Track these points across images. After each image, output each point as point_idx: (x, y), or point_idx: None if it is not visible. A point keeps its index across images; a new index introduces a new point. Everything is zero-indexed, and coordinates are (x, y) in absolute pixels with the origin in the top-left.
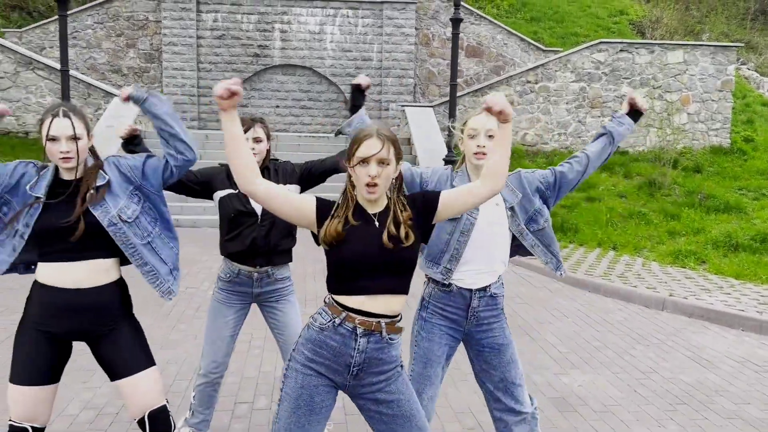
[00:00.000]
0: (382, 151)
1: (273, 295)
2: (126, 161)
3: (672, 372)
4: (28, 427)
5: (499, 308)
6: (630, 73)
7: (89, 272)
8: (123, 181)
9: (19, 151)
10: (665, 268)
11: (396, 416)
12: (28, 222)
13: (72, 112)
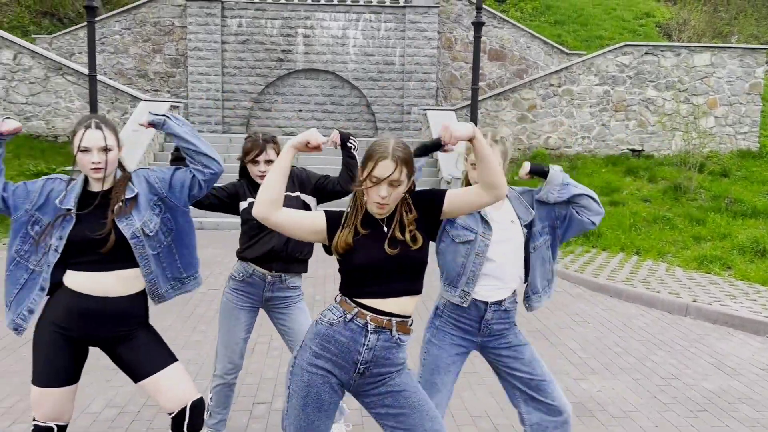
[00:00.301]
0: (394, 173)
1: (283, 301)
2: (155, 174)
3: (694, 379)
4: (54, 426)
5: (510, 322)
6: (655, 76)
7: (117, 282)
8: (149, 193)
9: (49, 154)
10: (689, 273)
11: (404, 407)
12: (61, 235)
13: (104, 124)
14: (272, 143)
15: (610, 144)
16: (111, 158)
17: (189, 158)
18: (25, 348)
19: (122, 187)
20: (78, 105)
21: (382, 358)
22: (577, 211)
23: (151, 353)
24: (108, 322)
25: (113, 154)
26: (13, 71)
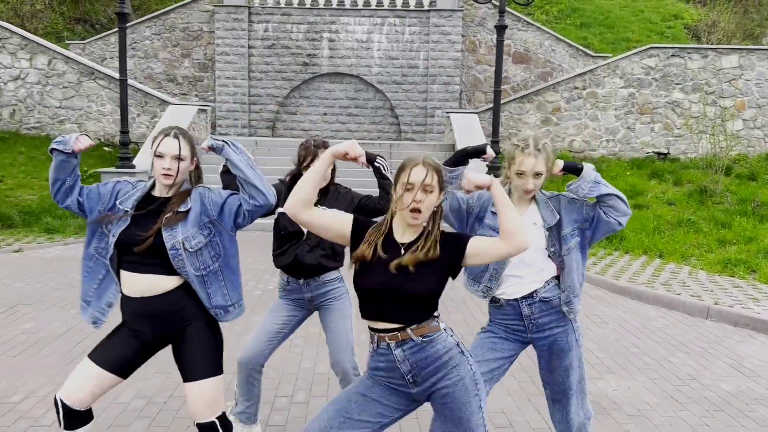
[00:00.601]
0: (427, 178)
1: (325, 297)
2: (211, 195)
3: (711, 380)
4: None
5: (558, 312)
6: (682, 79)
7: (149, 284)
8: (201, 213)
9: (82, 156)
10: (713, 276)
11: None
12: (114, 233)
13: (182, 136)
14: (323, 148)
15: (636, 147)
16: (182, 167)
17: (240, 185)
18: (58, 342)
19: (179, 199)
20: (109, 108)
21: (420, 360)
22: (604, 211)
23: (195, 361)
24: (150, 320)
25: (185, 164)
26: (47, 76)
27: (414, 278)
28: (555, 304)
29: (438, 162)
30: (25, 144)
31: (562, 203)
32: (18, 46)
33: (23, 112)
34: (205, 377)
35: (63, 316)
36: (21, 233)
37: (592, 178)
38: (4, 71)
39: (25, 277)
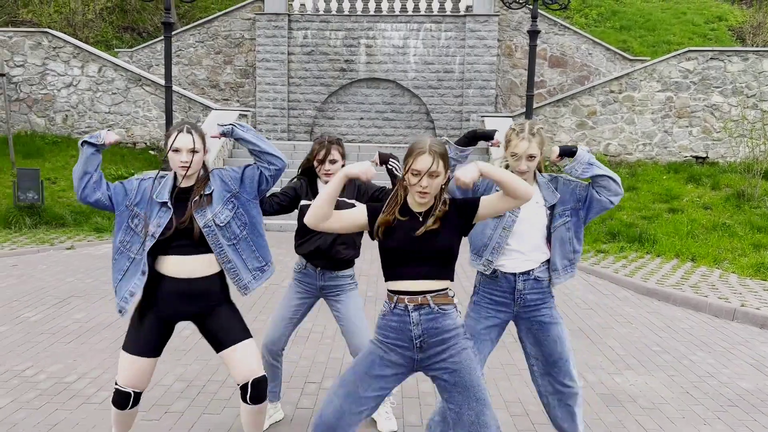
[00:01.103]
0: (432, 166)
1: (335, 289)
2: (227, 172)
3: (730, 378)
4: (131, 391)
5: (546, 291)
6: (721, 82)
7: (199, 265)
8: (223, 190)
9: (128, 160)
10: (744, 280)
11: (456, 385)
12: (159, 223)
13: (194, 130)
14: (337, 145)
15: (673, 151)
16: (197, 159)
17: (256, 158)
18: (106, 331)
19: (202, 185)
20: (155, 114)
21: (432, 329)
22: (597, 190)
23: (229, 328)
24: (194, 299)
25: (199, 156)
26: (98, 83)
27: (434, 236)
28: (545, 285)
29: (443, 146)
30: (77, 148)
31: (559, 183)
32: (71, 55)
33: (75, 118)
34: (247, 338)
35: (111, 308)
36: (72, 232)
37: (586, 160)
38: (58, 78)
39: (76, 272)
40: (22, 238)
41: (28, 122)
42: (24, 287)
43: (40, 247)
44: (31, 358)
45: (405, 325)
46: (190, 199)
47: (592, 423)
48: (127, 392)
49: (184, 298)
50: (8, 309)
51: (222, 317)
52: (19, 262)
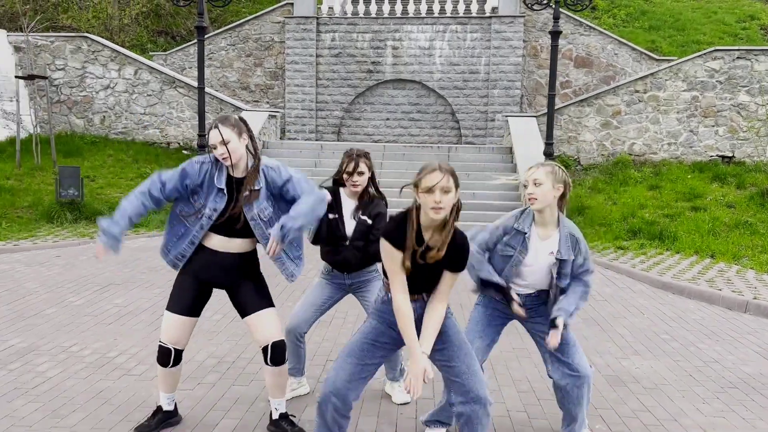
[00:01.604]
0: (443, 181)
1: (362, 284)
2: (272, 174)
3: (734, 363)
4: (172, 348)
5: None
6: (748, 81)
7: (238, 245)
8: (266, 189)
9: (162, 159)
10: (761, 275)
11: (446, 343)
12: (216, 208)
13: (220, 123)
14: (364, 158)
15: (699, 150)
16: (231, 148)
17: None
18: (144, 314)
19: (252, 179)
20: (188, 115)
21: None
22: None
23: (255, 297)
24: (230, 272)
25: (233, 144)
26: (134, 85)
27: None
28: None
29: (451, 167)
30: (113, 147)
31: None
32: (108, 58)
33: (112, 119)
34: (271, 306)
35: (147, 294)
36: None
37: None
38: (96, 81)
39: (114, 263)
40: (64, 232)
41: (68, 123)
42: (68, 275)
43: (80, 240)
44: (77, 337)
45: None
46: (241, 192)
47: (595, 400)
48: (168, 348)
49: (222, 270)
50: (55, 294)
51: (251, 288)
52: (62, 253)
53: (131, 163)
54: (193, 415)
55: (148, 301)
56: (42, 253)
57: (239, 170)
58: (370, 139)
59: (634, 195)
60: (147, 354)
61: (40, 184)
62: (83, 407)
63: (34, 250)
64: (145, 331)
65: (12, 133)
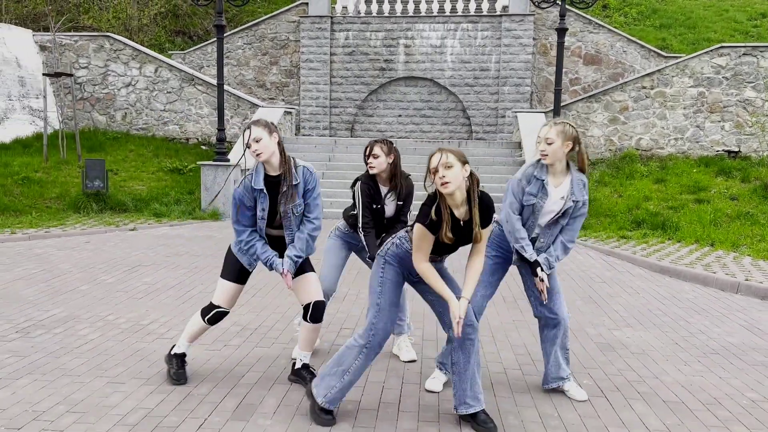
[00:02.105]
0: (442, 158)
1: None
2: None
3: (719, 335)
4: (223, 310)
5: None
6: (754, 77)
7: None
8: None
9: (181, 154)
10: (757, 261)
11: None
12: (264, 207)
13: (253, 125)
14: (380, 143)
15: (705, 145)
16: (262, 144)
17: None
18: (171, 290)
19: (289, 176)
20: (206, 111)
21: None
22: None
23: (305, 263)
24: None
25: (263, 142)
26: (154, 83)
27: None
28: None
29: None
30: (135, 143)
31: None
32: (130, 57)
33: (133, 115)
34: (313, 271)
35: (173, 274)
36: (133, 216)
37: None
38: (118, 79)
39: (141, 248)
40: (91, 221)
41: (90, 119)
42: (98, 258)
43: (107, 228)
44: (112, 308)
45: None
46: (280, 189)
47: (585, 362)
48: (220, 309)
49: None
50: (88, 273)
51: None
52: (90, 239)
53: (152, 157)
54: (221, 369)
55: (175, 280)
56: (72, 239)
57: (273, 168)
58: (382, 135)
59: (639, 188)
60: (177, 322)
61: (66, 177)
62: (123, 362)
63: (64, 237)
64: (174, 305)
65: (38, 129)
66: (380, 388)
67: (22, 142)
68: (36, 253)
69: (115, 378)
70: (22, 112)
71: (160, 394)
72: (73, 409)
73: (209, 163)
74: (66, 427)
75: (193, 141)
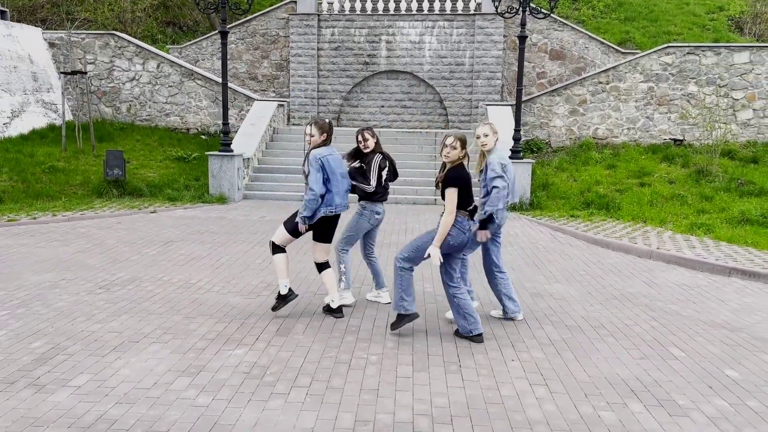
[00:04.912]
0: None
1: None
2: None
3: (623, 287)
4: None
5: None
6: (696, 74)
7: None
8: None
9: (183, 143)
10: (675, 235)
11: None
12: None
13: (312, 124)
14: (365, 130)
15: (654, 134)
16: (312, 141)
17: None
18: (205, 260)
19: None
20: (205, 104)
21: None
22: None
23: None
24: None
25: (314, 139)
26: (156, 77)
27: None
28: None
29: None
30: (140, 133)
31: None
32: (134, 53)
33: (137, 107)
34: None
35: (202, 248)
36: (150, 201)
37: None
38: (123, 73)
39: (166, 227)
40: (114, 205)
41: (98, 111)
42: (134, 236)
43: (130, 210)
44: (163, 272)
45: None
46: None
47: (520, 304)
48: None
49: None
50: (131, 247)
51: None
52: (121, 221)
53: (157, 147)
54: (262, 307)
55: (205, 251)
56: (104, 220)
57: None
58: (366, 124)
59: (592, 173)
60: (218, 281)
61: (85, 165)
62: (188, 306)
63: (97, 218)
64: (211, 269)
65: (51, 120)
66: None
67: (39, 133)
68: (81, 232)
69: (188, 315)
70: (36, 105)
71: (223, 323)
72: (168, 332)
73: (216, 153)
74: (168, 340)
75: (193, 131)
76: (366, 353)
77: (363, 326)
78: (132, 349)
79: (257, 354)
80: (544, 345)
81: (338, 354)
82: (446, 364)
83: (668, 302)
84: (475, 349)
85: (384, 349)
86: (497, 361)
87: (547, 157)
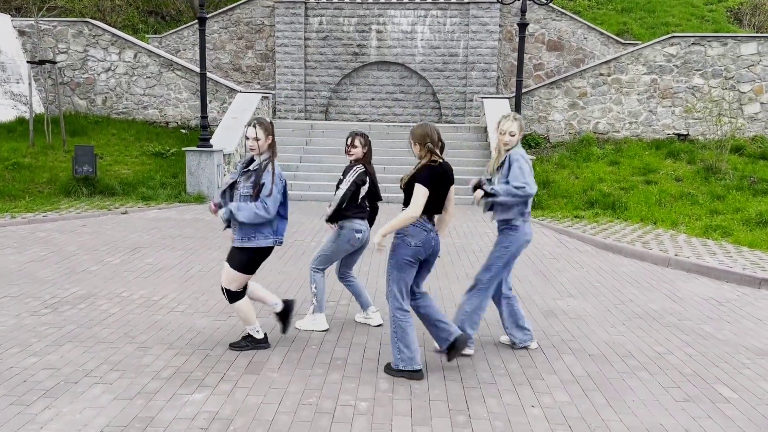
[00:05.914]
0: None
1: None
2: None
3: (645, 302)
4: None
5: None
6: (702, 65)
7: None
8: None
9: (162, 137)
10: (690, 239)
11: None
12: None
13: (255, 125)
14: (358, 136)
15: (657, 129)
16: (260, 144)
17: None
18: (173, 270)
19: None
20: (185, 96)
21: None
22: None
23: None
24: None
25: (261, 142)
26: (133, 68)
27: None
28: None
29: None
30: (116, 127)
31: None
32: (109, 42)
33: (113, 99)
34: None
35: (172, 255)
36: (122, 200)
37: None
38: (98, 64)
39: (136, 231)
40: (83, 205)
41: (71, 104)
42: (99, 241)
43: (100, 212)
44: (123, 286)
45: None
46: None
47: (531, 324)
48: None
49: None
50: (94, 255)
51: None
52: (86, 223)
53: (134, 141)
54: (231, 335)
55: (175, 260)
56: (69, 223)
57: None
58: (356, 118)
59: (595, 170)
60: (184, 298)
61: (53, 162)
62: (146, 331)
63: (61, 221)
64: (178, 282)
65: (20, 113)
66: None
67: (6, 127)
68: (39, 236)
69: (143, 344)
70: (4, 97)
71: (183, 356)
72: (116, 367)
73: (194, 149)
74: (114, 380)
75: (172, 125)
76: (354, 398)
77: (350, 359)
78: (67, 393)
79: (220, 400)
80: (567, 383)
81: (319, 400)
82: (452, 413)
83: (699, 322)
84: (486, 390)
85: (376, 392)
86: (514, 409)
87: (546, 152)
